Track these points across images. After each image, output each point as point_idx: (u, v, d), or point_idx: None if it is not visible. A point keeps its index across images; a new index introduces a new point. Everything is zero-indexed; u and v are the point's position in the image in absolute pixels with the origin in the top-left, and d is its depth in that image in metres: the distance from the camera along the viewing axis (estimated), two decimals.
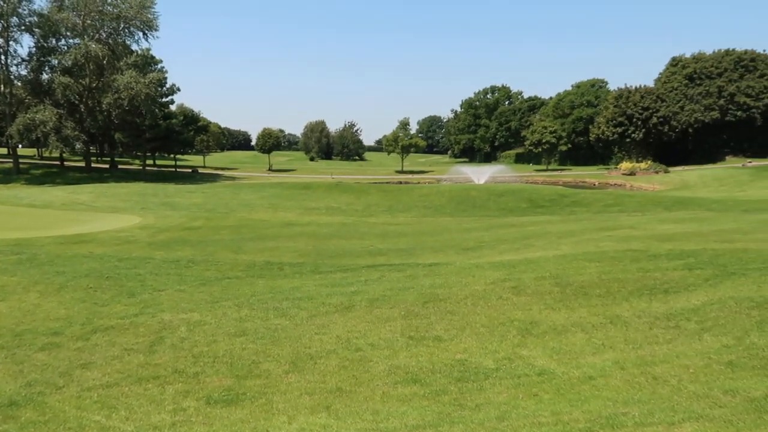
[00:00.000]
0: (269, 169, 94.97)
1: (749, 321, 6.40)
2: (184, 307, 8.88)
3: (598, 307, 7.57)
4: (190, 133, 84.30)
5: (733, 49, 78.51)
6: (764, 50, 77.74)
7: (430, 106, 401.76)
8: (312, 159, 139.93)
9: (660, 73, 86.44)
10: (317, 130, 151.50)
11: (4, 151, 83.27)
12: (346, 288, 9.70)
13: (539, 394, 5.01)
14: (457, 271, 10.52)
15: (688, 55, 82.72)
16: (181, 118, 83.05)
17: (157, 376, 6.00)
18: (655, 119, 74.56)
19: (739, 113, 73.84)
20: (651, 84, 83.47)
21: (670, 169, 65.85)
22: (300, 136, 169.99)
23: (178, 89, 78.39)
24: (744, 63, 75.80)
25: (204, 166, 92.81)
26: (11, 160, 64.00)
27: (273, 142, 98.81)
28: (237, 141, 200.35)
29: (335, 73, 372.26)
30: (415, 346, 6.57)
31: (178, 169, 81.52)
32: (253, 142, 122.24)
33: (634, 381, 5.11)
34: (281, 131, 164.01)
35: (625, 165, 69.47)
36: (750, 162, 65.09)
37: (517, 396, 5.01)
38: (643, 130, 74.99)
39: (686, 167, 68.20)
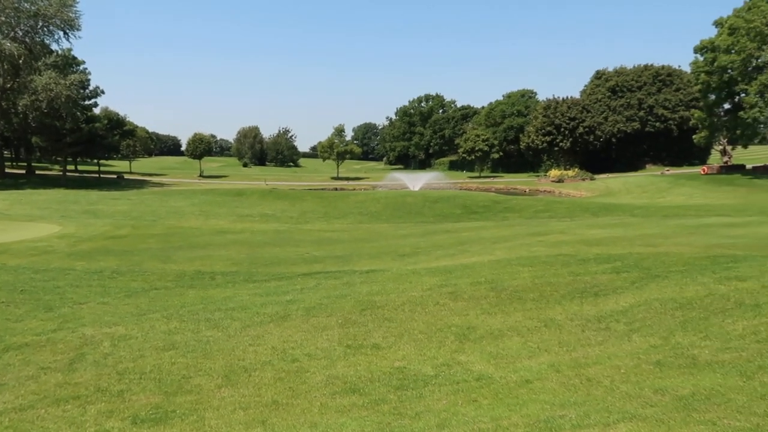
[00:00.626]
0: (200, 176, 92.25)
1: (674, 321, 6.67)
2: (108, 320, 8.39)
3: (532, 310, 7.70)
4: (116, 137, 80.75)
5: (652, 64, 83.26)
6: (679, 66, 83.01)
7: (365, 113, 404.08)
8: (245, 165, 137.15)
9: (585, 86, 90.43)
10: (250, 135, 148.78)
11: None
12: (281, 297, 9.46)
13: (478, 400, 5.00)
14: (394, 277, 10.49)
15: (610, 69, 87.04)
16: (106, 121, 79.29)
17: (78, 396, 5.58)
18: (581, 129, 77.83)
19: (657, 124, 78.26)
20: (577, 95, 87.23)
21: (596, 176, 68.87)
22: (233, 142, 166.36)
23: (102, 92, 75.02)
24: (661, 77, 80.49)
25: (130, 172, 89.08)
26: None
27: (204, 148, 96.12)
28: (166, 146, 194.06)
29: (269, 78, 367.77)
30: (353, 355, 6.45)
31: (102, 175, 77.78)
32: (183, 148, 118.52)
33: (569, 383, 5.19)
34: (213, 136, 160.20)
35: (554, 172, 72.08)
36: (668, 170, 69.05)
37: (456, 402, 4.98)
38: (570, 139, 78.11)
39: (610, 175, 71.54)
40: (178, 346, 7.04)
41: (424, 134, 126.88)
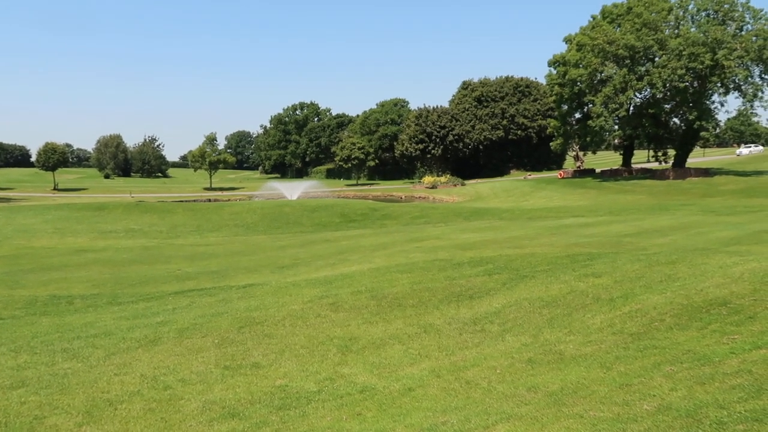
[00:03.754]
0: (54, 189, 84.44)
1: (541, 319, 7.10)
2: None
3: (412, 317, 7.83)
4: None
5: (512, 76, 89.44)
6: (536, 78, 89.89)
7: (237, 122, 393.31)
8: (107, 176, 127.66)
9: (453, 95, 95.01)
10: (112, 144, 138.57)
11: None
12: (150, 319, 8.81)
13: (363, 413, 4.95)
14: (274, 291, 10.20)
15: (476, 80, 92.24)
16: None
17: None
18: (451, 137, 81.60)
19: (519, 132, 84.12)
20: (447, 105, 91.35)
21: (466, 182, 72.48)
22: (92, 152, 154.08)
23: None
24: (521, 88, 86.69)
25: None
26: None
27: (58, 158, 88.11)
28: (12, 157, 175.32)
29: (130, 83, 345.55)
30: (231, 377, 6.12)
31: None
32: (34, 159, 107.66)
33: (449, 388, 5.30)
34: (68, 146, 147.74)
35: (428, 179, 74.78)
36: (530, 175, 74.40)
37: (340, 418, 4.89)
38: (442, 146, 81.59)
39: (479, 180, 75.67)
40: (29, 382, 6.26)
41: (300, 142, 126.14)
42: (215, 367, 6.45)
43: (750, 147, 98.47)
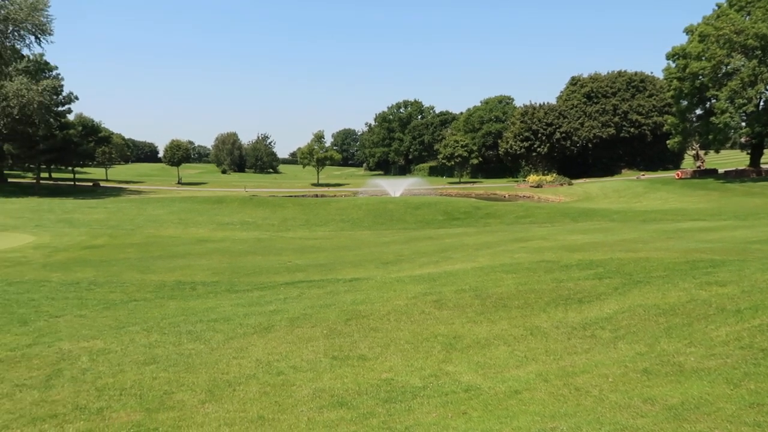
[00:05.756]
0: (178, 183, 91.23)
1: (658, 328, 6.71)
2: (86, 334, 8.17)
3: (517, 318, 7.69)
4: (90, 144, 79.50)
5: (625, 71, 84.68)
6: (652, 72, 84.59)
7: (344, 120, 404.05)
8: (224, 172, 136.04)
9: (561, 92, 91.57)
10: (229, 142, 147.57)
11: None
12: (264, 307, 9.33)
13: (468, 412, 4.95)
14: (378, 286, 10.43)
15: (585, 75, 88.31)
16: (80, 128, 78.10)
17: (55, 415, 5.40)
18: (558, 134, 78.74)
19: (632, 130, 79.54)
20: (554, 101, 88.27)
21: (574, 181, 69.70)
22: (211, 148, 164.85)
23: (76, 98, 73.95)
24: (635, 83, 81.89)
25: (106, 180, 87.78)
26: None
27: (182, 155, 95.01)
28: (143, 153, 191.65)
29: (248, 84, 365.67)
30: (339, 367, 6.35)
31: (77, 183, 76.49)
32: (161, 154, 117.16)
33: (558, 393, 5.17)
34: (191, 143, 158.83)
35: (533, 178, 72.75)
36: (643, 175, 70.17)
37: (446, 415, 4.92)
38: (548, 144, 78.96)
39: (587, 179, 72.48)
40: (159, 360, 6.87)
41: (403, 140, 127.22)
42: (324, 356, 6.71)
43: None
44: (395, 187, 63.47)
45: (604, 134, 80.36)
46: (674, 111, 57.94)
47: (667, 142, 60.47)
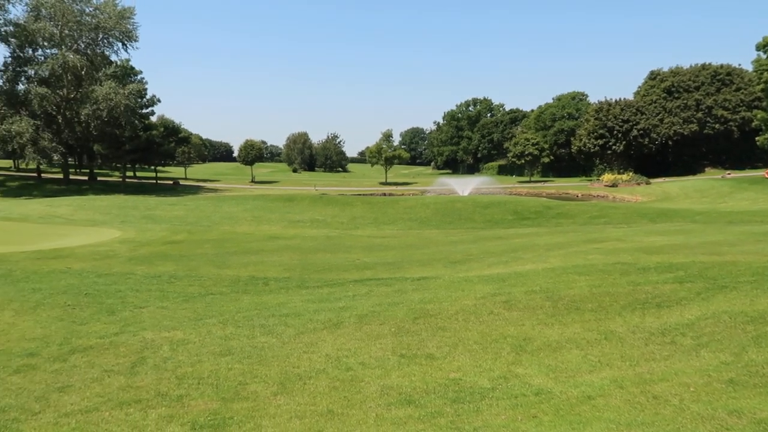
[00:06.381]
0: (252, 181, 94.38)
1: (745, 336, 6.32)
2: (167, 324, 8.60)
3: (591, 322, 7.45)
4: (171, 144, 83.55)
5: (710, 63, 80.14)
6: (739, 64, 79.52)
7: (412, 118, 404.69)
8: (295, 171, 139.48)
9: (639, 87, 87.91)
10: (300, 141, 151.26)
11: None
12: (333, 303, 9.49)
13: (538, 416, 4.85)
14: (447, 285, 10.38)
15: (665, 69, 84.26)
16: (162, 129, 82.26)
17: (140, 400, 5.72)
18: (635, 131, 75.62)
19: (717, 126, 75.20)
20: (630, 97, 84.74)
21: (652, 180, 66.69)
22: (282, 148, 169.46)
23: (159, 100, 77.94)
24: (720, 77, 77.34)
25: (185, 178, 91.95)
26: None
27: (255, 154, 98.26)
28: (219, 152, 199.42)
29: (317, 84, 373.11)
30: (407, 365, 6.37)
31: (158, 181, 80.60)
32: (235, 154, 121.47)
33: (634, 401, 4.97)
34: (263, 143, 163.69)
35: (608, 177, 70.20)
36: (729, 173, 66.12)
37: (515, 418, 4.84)
38: (624, 142, 75.98)
39: (667, 178, 69.12)
40: (234, 351, 7.13)
41: (472, 138, 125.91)
42: (392, 354, 6.75)
43: None
44: (463, 185, 62.94)
45: (686, 131, 76.39)
46: (764, 105, 54.33)
47: (756, 138, 56.83)
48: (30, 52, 62.33)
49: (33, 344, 7.82)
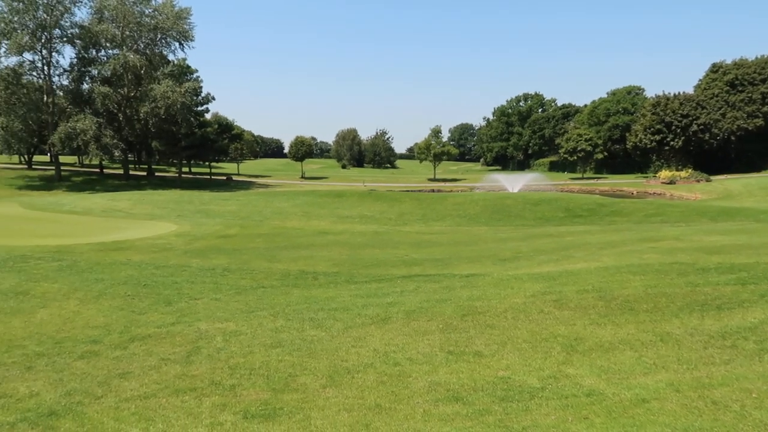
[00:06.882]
0: (302, 177, 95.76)
1: None
2: (220, 316, 8.86)
3: (646, 323, 7.23)
4: (225, 141, 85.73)
5: None
6: None
7: (461, 114, 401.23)
8: (344, 167, 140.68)
9: (699, 80, 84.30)
10: (349, 137, 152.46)
11: (46, 158, 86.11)
12: (381, 299, 9.55)
13: (590, 417, 4.75)
14: (495, 282, 10.27)
15: (728, 62, 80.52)
16: (216, 126, 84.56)
17: (194, 388, 5.92)
18: (695, 127, 72.65)
19: None
20: (690, 91, 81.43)
21: (712, 177, 63.96)
22: (332, 144, 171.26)
23: (213, 98, 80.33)
24: None
25: (238, 174, 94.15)
26: (53, 168, 66.17)
27: (305, 150, 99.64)
28: (270, 149, 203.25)
29: (366, 81, 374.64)
30: (455, 362, 6.36)
31: (212, 177, 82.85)
32: (286, 150, 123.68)
33: (692, 405, 4.80)
34: (313, 139, 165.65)
35: (665, 173, 67.71)
36: None
37: (566, 419, 4.76)
38: (683, 137, 73.11)
39: (729, 176, 66.15)
40: (284, 344, 7.28)
41: (522, 134, 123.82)
42: (440, 350, 6.75)
43: None
44: (513, 182, 61.93)
45: (751, 126, 72.85)
46: None
47: None
48: (93, 53, 65.22)
49: (96, 332, 8.20)
